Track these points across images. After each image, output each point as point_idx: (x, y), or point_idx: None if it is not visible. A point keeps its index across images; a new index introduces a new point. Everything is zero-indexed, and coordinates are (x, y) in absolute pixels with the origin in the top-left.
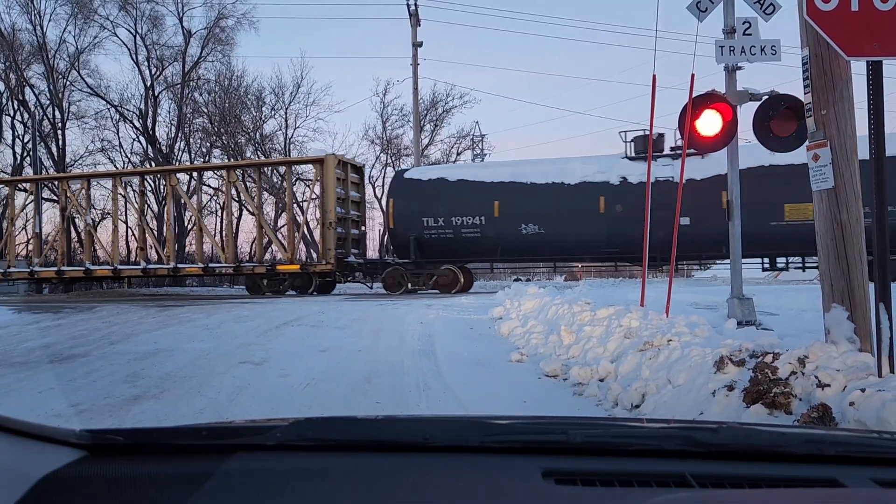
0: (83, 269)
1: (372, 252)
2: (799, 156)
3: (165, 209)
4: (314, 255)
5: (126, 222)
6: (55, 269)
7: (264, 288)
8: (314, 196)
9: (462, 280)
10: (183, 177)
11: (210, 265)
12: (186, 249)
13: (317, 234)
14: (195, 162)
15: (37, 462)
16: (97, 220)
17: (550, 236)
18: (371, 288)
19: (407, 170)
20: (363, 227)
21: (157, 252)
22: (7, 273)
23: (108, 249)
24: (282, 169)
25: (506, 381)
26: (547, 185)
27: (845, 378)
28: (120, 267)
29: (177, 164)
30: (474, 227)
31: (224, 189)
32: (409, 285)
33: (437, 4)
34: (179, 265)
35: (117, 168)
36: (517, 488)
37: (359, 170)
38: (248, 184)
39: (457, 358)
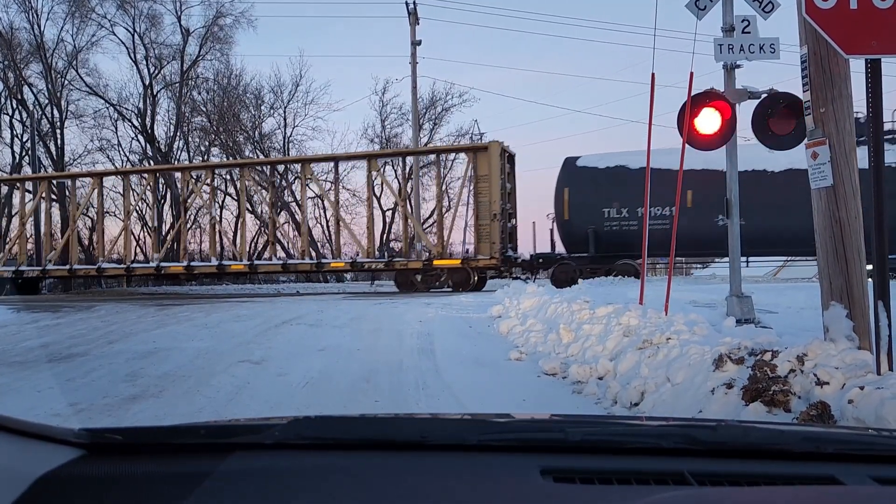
0: (216, 264)
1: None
2: None
3: (301, 202)
4: (469, 250)
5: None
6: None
7: (418, 284)
8: (466, 186)
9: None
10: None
11: (358, 260)
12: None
13: (470, 227)
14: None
15: (35, 461)
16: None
17: (751, 228)
18: (530, 281)
19: (577, 157)
20: (515, 220)
21: (283, 249)
22: (131, 267)
23: (235, 245)
24: (430, 157)
25: (505, 380)
26: (747, 172)
27: (844, 376)
28: (257, 262)
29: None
30: (663, 218)
31: (366, 181)
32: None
33: (436, 3)
34: (323, 260)
35: (240, 159)
36: (516, 487)
37: (512, 158)
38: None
39: (455, 357)
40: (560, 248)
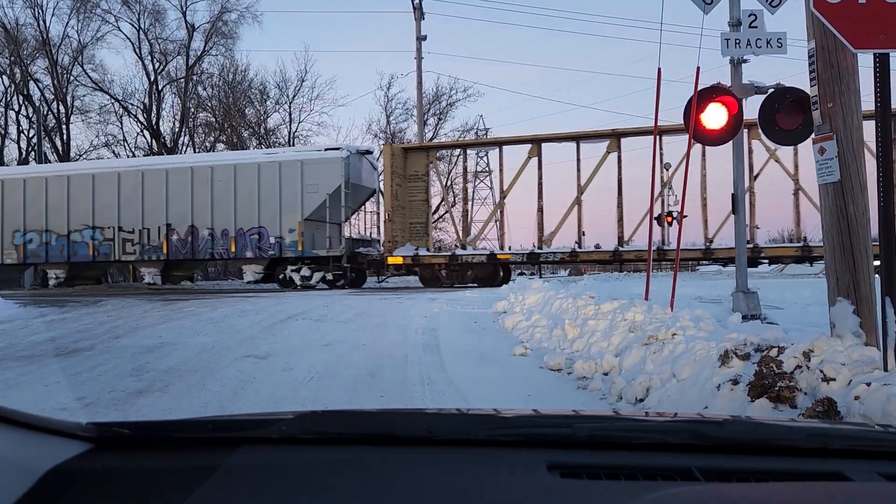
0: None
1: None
2: None
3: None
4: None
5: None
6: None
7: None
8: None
9: None
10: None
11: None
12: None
13: None
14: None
15: (44, 455)
16: None
17: None
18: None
19: None
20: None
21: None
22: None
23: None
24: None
25: (509, 375)
26: None
27: (850, 372)
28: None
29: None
30: None
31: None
32: None
33: None
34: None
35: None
36: (522, 482)
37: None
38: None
39: (460, 352)
40: None
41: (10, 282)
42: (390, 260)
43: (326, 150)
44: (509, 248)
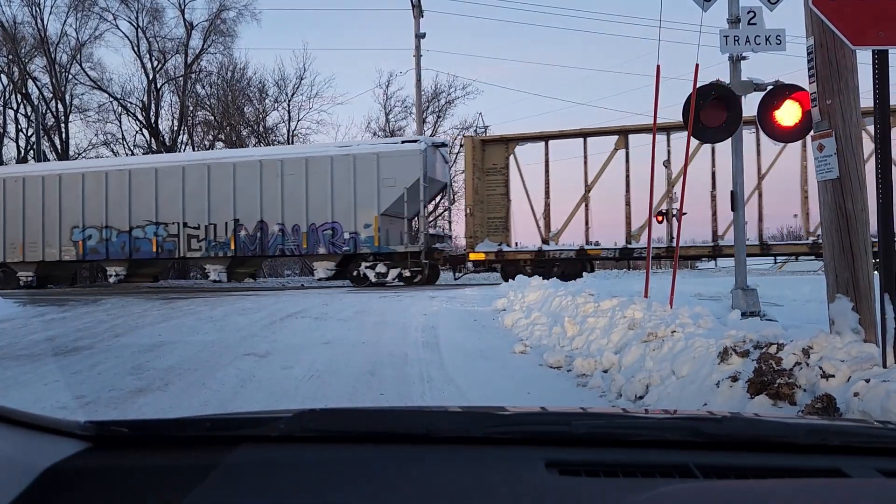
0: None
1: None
2: None
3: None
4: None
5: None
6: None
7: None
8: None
9: None
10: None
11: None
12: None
13: None
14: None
15: (42, 453)
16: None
17: None
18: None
19: None
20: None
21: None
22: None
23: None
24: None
25: (509, 373)
26: None
27: (849, 369)
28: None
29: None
30: None
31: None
32: None
33: None
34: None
35: None
36: (521, 479)
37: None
38: None
39: (460, 350)
40: None
41: (60, 280)
42: (472, 256)
43: (403, 142)
44: (596, 243)
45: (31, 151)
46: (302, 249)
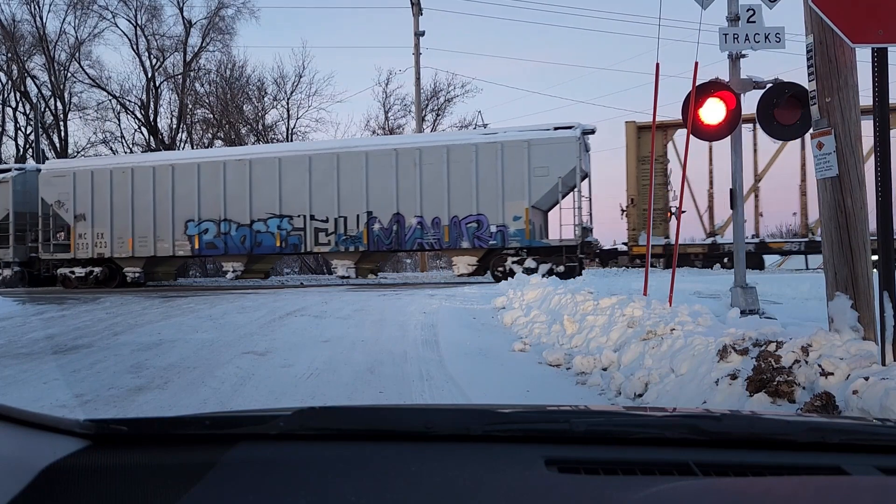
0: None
1: None
2: None
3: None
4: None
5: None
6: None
7: None
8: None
9: None
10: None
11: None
12: None
13: None
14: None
15: (41, 452)
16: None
17: None
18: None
19: None
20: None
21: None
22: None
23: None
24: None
25: (508, 371)
26: None
27: (849, 366)
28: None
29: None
30: None
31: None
32: None
33: None
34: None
35: None
36: (520, 477)
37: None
38: None
39: (459, 348)
40: None
41: (166, 276)
42: (636, 250)
43: (556, 129)
44: (770, 236)
45: (30, 149)
46: (444, 243)
